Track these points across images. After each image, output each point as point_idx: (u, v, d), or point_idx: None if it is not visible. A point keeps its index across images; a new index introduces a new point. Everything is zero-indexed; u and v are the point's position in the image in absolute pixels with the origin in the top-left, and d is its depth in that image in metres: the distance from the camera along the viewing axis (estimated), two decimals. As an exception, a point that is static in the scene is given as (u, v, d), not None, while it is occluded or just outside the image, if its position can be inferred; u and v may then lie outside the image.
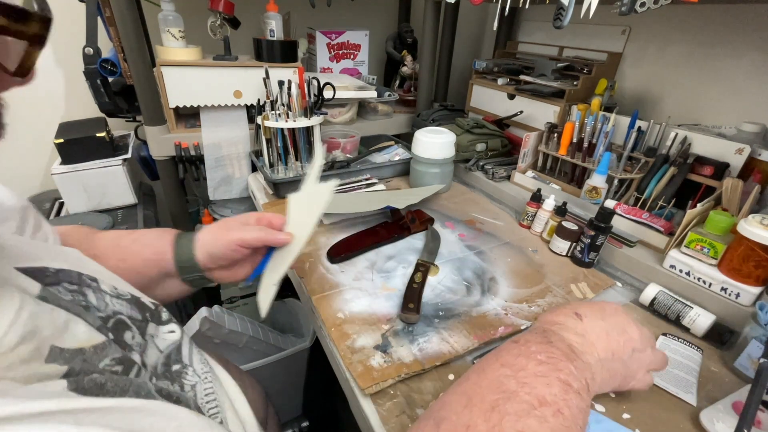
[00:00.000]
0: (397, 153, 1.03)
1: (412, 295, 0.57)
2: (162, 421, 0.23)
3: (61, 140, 0.88)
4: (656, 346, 0.43)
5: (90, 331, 0.26)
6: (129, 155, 0.98)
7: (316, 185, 0.51)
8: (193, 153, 0.98)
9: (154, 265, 0.47)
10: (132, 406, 0.23)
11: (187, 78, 0.90)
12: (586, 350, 0.36)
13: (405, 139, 1.08)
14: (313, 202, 0.50)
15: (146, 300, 0.37)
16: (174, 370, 0.33)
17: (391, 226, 0.75)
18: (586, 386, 0.32)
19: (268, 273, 0.50)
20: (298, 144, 0.91)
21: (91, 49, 0.86)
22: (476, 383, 0.31)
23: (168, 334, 0.36)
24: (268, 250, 0.52)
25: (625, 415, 0.43)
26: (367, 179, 0.93)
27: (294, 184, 0.87)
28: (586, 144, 0.81)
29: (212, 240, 0.48)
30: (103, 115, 0.99)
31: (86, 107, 1.08)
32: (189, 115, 1.06)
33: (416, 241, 0.73)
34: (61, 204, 1.02)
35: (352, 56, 1.27)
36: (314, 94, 0.93)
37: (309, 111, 0.88)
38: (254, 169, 1.02)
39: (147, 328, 0.33)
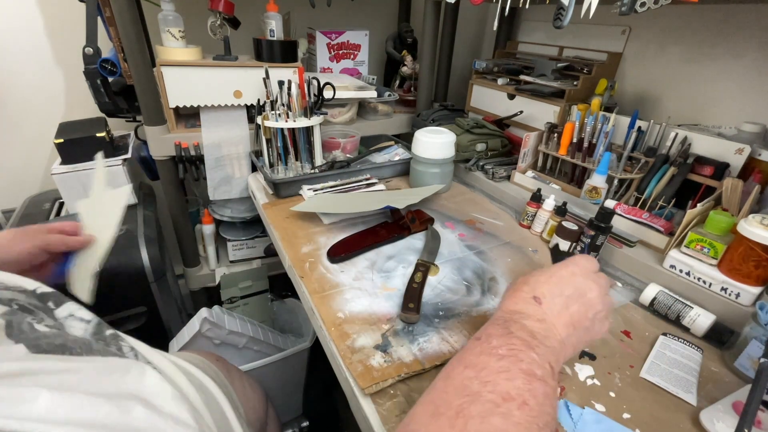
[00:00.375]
0: (397, 153, 1.04)
1: (412, 294, 0.57)
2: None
3: (61, 140, 0.88)
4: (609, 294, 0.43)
5: None
6: (129, 155, 0.98)
7: (108, 191, 0.60)
8: (193, 153, 0.98)
9: None
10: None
11: (187, 78, 0.90)
12: (549, 334, 0.36)
13: (405, 139, 1.08)
14: (112, 206, 0.58)
15: (46, 289, 0.38)
16: (108, 335, 0.34)
17: (391, 226, 0.75)
18: (551, 370, 0.33)
19: (79, 270, 0.55)
20: (298, 144, 0.91)
21: (91, 49, 0.86)
22: (443, 390, 0.32)
23: (82, 312, 0.37)
24: (66, 254, 0.56)
25: (626, 415, 0.43)
26: (367, 179, 0.93)
27: (294, 184, 0.87)
28: (586, 144, 0.81)
29: (7, 247, 0.50)
30: (103, 115, 0.99)
31: (86, 107, 1.08)
32: (189, 115, 1.06)
33: (416, 241, 0.73)
34: (61, 204, 1.03)
35: (352, 56, 1.27)
36: (314, 94, 0.93)
37: (309, 111, 0.89)
38: (254, 169, 1.02)
39: (55, 312, 0.35)
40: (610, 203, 0.72)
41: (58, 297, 0.37)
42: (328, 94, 0.97)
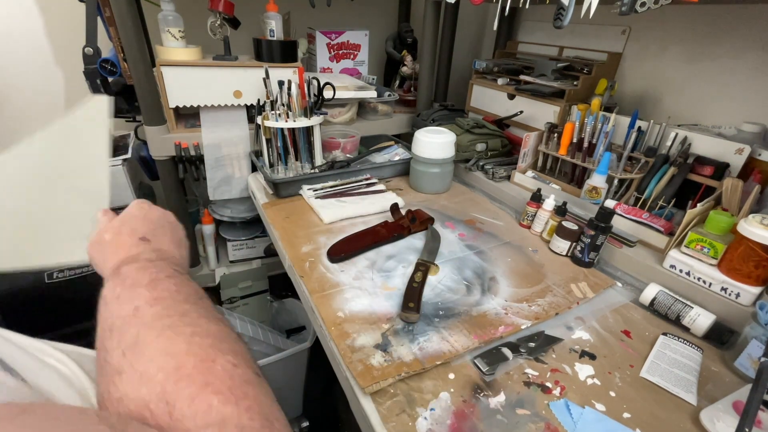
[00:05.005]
0: (397, 153, 1.04)
1: (413, 294, 0.57)
2: None
3: (61, 140, 0.88)
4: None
5: None
6: (129, 155, 0.98)
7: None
8: (193, 153, 0.98)
9: None
10: None
11: (187, 78, 0.90)
12: (167, 258, 0.37)
13: (405, 139, 1.08)
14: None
15: None
16: None
17: (391, 225, 0.75)
18: (178, 268, 0.34)
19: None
20: (298, 144, 0.91)
21: (91, 49, 0.86)
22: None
23: None
24: None
25: (626, 415, 0.43)
26: (367, 179, 0.93)
27: (294, 183, 0.87)
28: (586, 144, 0.81)
29: None
30: (103, 115, 0.98)
31: (86, 107, 1.08)
32: (189, 115, 1.06)
33: (416, 241, 0.73)
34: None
35: (352, 56, 1.27)
36: (314, 94, 0.93)
37: (309, 111, 0.89)
38: (254, 169, 1.02)
39: None
40: (610, 203, 0.72)
41: None
42: (328, 94, 0.97)
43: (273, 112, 0.87)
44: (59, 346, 0.39)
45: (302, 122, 0.87)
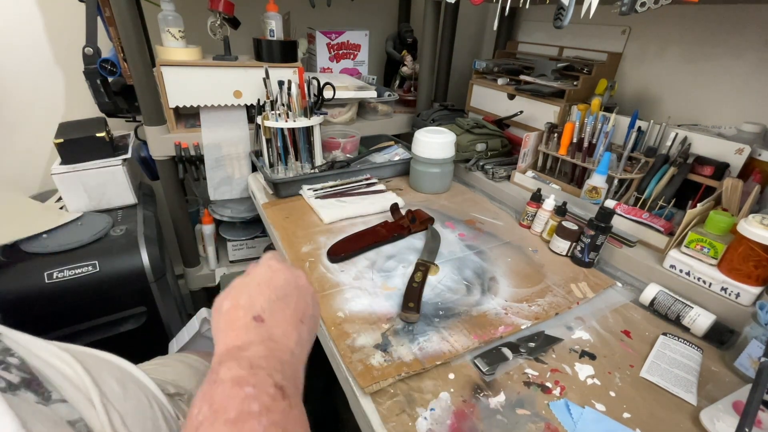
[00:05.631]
0: (397, 153, 1.04)
1: (413, 294, 0.57)
2: None
3: (61, 140, 0.88)
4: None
5: None
6: (129, 155, 0.98)
7: None
8: (193, 153, 0.98)
9: None
10: None
11: (187, 78, 0.90)
12: (275, 352, 0.33)
13: (405, 139, 1.08)
14: None
15: None
16: None
17: (391, 225, 0.75)
18: (278, 392, 0.30)
19: None
20: (298, 144, 0.91)
21: (91, 49, 0.86)
22: None
23: None
24: None
25: (626, 415, 0.43)
26: (367, 179, 0.93)
27: (294, 183, 0.87)
28: (586, 144, 0.81)
29: None
30: (103, 115, 0.99)
31: (86, 107, 1.08)
32: (189, 115, 1.06)
33: (416, 241, 0.73)
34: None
35: (352, 56, 1.27)
36: (314, 94, 0.93)
37: (309, 111, 0.89)
38: (254, 169, 1.02)
39: None
40: (610, 203, 0.73)
41: None
42: (328, 94, 0.97)
43: (273, 112, 0.87)
44: (64, 346, 0.38)
45: (302, 122, 0.87)
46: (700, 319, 0.54)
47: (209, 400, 0.28)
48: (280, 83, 0.85)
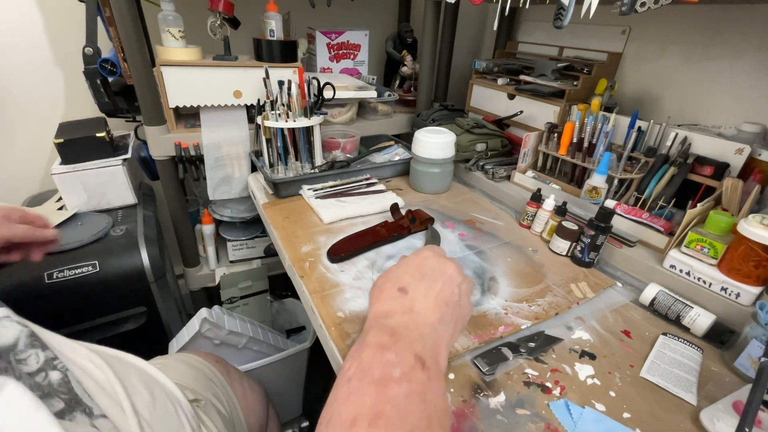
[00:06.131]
0: (397, 153, 1.04)
1: (412, 294, 0.57)
2: None
3: (61, 140, 0.88)
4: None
5: None
6: (129, 155, 0.98)
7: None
8: (193, 153, 0.98)
9: None
10: None
11: (187, 78, 0.90)
12: (416, 324, 0.36)
13: (405, 139, 1.08)
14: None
15: None
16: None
17: (391, 225, 0.75)
18: (417, 362, 0.31)
19: None
20: (298, 144, 0.91)
21: (91, 49, 0.86)
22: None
23: None
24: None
25: (626, 415, 0.43)
26: (367, 179, 0.93)
27: (294, 183, 0.87)
28: (586, 144, 0.81)
29: None
30: (103, 115, 0.99)
31: (86, 107, 1.08)
32: (189, 115, 1.06)
33: (416, 241, 0.73)
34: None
35: (352, 56, 1.27)
36: (314, 94, 0.93)
37: (309, 111, 0.89)
38: (254, 169, 1.02)
39: None
40: (610, 203, 0.73)
41: None
42: (328, 94, 0.97)
43: (273, 112, 0.87)
44: (91, 347, 0.38)
45: (302, 122, 0.87)
46: (700, 319, 0.54)
47: (358, 359, 0.31)
48: (280, 83, 0.85)
